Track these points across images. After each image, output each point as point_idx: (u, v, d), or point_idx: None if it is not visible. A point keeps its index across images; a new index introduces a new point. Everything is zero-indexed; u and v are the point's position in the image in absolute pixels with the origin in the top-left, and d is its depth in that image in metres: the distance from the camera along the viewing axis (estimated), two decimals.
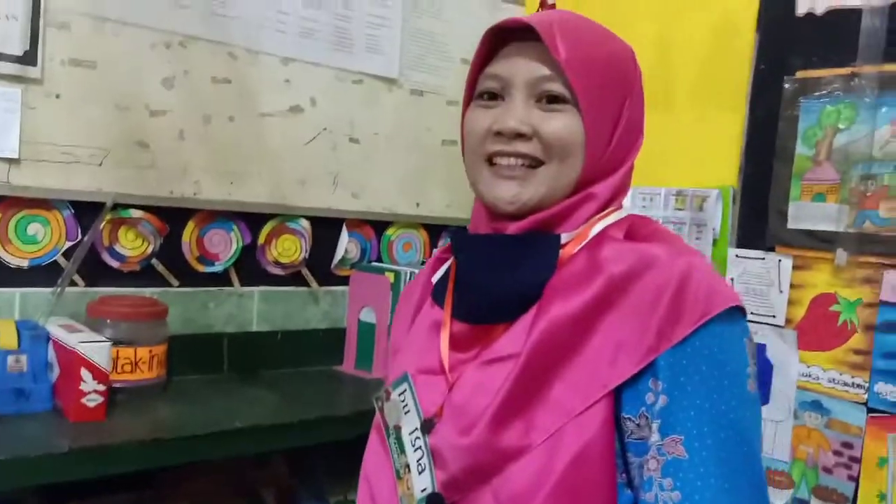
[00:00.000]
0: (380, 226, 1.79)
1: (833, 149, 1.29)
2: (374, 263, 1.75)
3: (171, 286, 1.51)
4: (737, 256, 1.41)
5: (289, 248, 1.64)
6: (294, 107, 1.62)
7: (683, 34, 1.55)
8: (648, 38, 1.60)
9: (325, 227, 1.69)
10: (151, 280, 1.48)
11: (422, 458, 0.74)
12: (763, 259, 1.37)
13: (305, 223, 1.65)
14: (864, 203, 1.25)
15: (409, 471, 0.75)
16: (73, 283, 1.38)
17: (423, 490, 0.73)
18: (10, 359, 1.17)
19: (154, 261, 1.48)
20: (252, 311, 1.61)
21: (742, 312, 0.71)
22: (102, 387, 1.17)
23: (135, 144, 1.43)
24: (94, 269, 1.41)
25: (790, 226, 1.34)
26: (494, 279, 0.75)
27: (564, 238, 0.75)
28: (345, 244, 1.71)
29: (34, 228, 1.35)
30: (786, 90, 1.36)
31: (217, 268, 1.55)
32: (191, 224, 1.52)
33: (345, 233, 1.72)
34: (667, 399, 0.66)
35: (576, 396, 0.68)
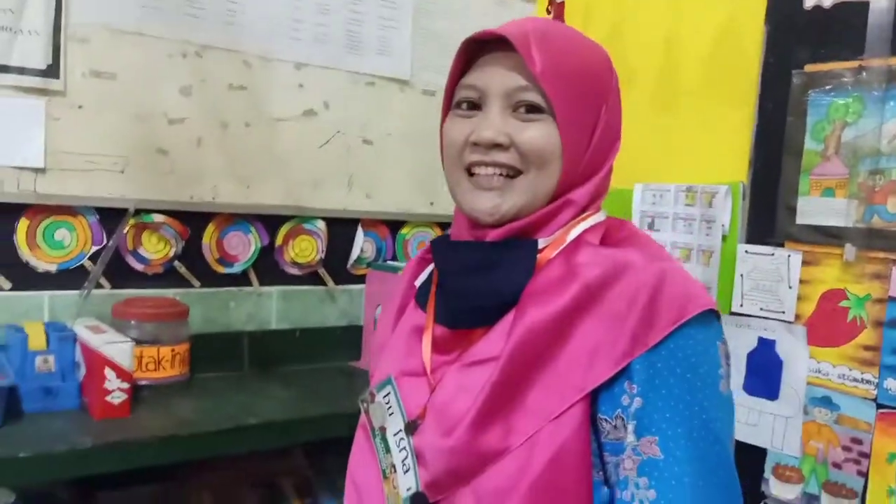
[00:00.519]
0: (394, 225, 1.82)
1: (841, 143, 1.28)
2: (390, 262, 1.78)
3: (193, 287, 1.56)
4: (746, 252, 1.40)
5: (305, 249, 1.69)
6: (308, 110, 1.66)
7: (692, 30, 1.54)
8: (657, 35, 1.60)
9: (341, 228, 1.73)
10: (174, 281, 1.54)
11: (406, 459, 0.76)
12: (772, 255, 1.37)
13: (321, 224, 1.69)
14: (873, 198, 1.24)
15: (395, 471, 0.77)
16: (100, 286, 1.45)
17: (409, 489, 0.75)
18: (39, 359, 1.23)
19: (176, 263, 1.53)
20: (271, 310, 1.66)
21: (716, 316, 0.73)
22: (126, 385, 1.22)
23: (155, 152, 1.48)
24: (119, 272, 1.47)
25: (799, 221, 1.33)
26: (473, 285, 0.77)
27: (542, 243, 0.76)
28: (360, 244, 1.75)
29: (61, 234, 1.41)
30: (794, 84, 1.35)
31: (236, 269, 1.61)
32: (210, 227, 1.57)
33: (360, 232, 1.75)
34: (642, 401, 0.68)
35: (553, 399, 0.70)
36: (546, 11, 1.69)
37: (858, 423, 1.25)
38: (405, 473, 0.76)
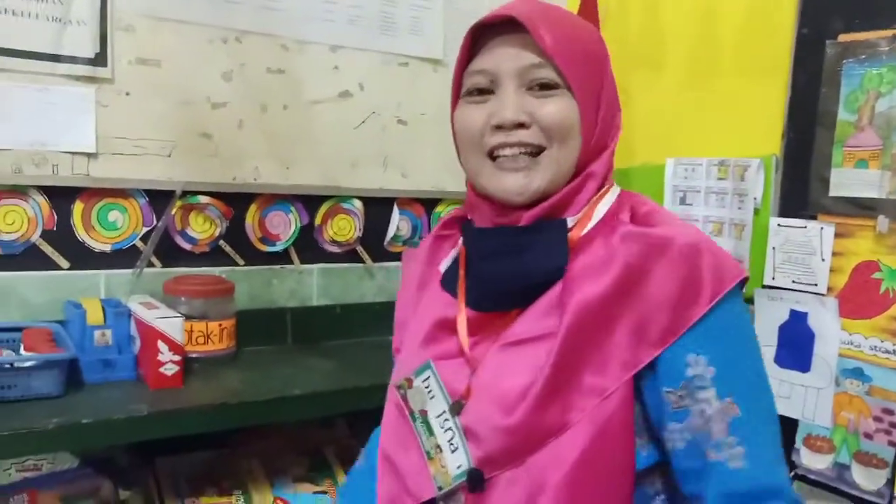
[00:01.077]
0: (429, 203, 1.85)
1: (875, 114, 1.27)
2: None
3: (238, 265, 1.63)
4: (778, 225, 1.41)
5: (344, 228, 1.74)
6: (343, 92, 1.70)
7: (726, 3, 1.53)
8: (692, 9, 1.59)
9: (377, 207, 1.77)
10: (220, 260, 1.60)
11: (453, 438, 0.78)
12: (805, 227, 1.37)
13: (358, 203, 1.74)
14: None
15: (441, 451, 0.79)
16: (151, 265, 1.52)
17: (459, 467, 0.77)
18: (97, 333, 1.31)
19: (221, 242, 1.60)
20: (312, 287, 1.72)
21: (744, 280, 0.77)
22: (178, 357, 1.29)
23: (199, 135, 1.54)
24: (169, 252, 1.54)
25: (832, 193, 1.33)
26: (508, 268, 0.79)
27: (570, 222, 0.78)
28: (396, 222, 1.79)
29: (114, 216, 1.49)
30: (828, 54, 1.34)
31: (278, 247, 1.67)
32: (253, 207, 1.63)
33: (396, 211, 1.80)
34: (713, 369, 0.72)
35: (606, 376, 0.73)
36: None
37: (890, 394, 1.26)
38: (453, 452, 0.78)
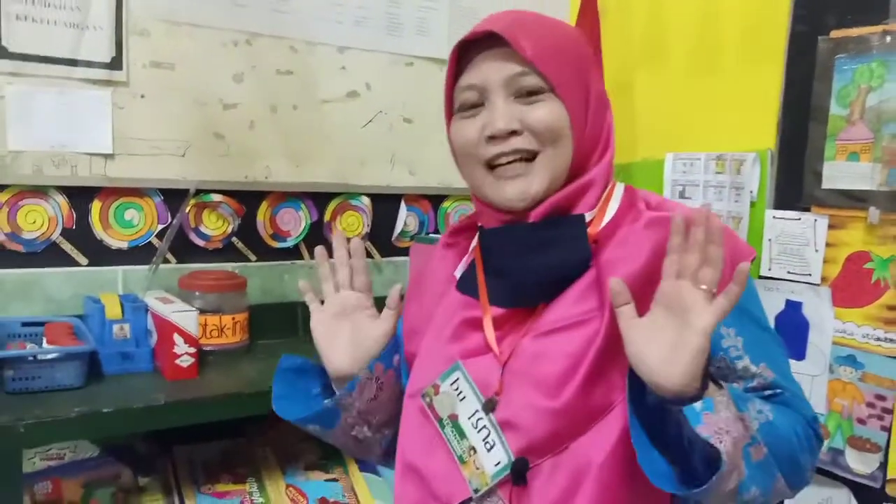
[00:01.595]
0: (436, 199, 1.90)
1: (866, 108, 1.30)
2: (432, 235, 1.87)
3: (250, 261, 1.68)
4: (774, 218, 1.44)
5: (352, 224, 1.79)
6: (351, 92, 1.75)
7: (723, 2, 1.57)
8: (693, 8, 1.63)
9: (385, 203, 1.82)
10: (232, 256, 1.66)
11: (488, 437, 0.78)
12: (799, 219, 1.40)
13: (366, 200, 1.79)
14: None
15: (475, 452, 0.79)
16: (166, 261, 1.58)
17: (498, 464, 0.77)
18: (116, 327, 1.36)
19: (234, 239, 1.65)
20: None
21: None
22: (193, 349, 1.34)
23: (212, 136, 1.60)
24: (183, 248, 1.60)
25: (825, 186, 1.37)
26: (534, 264, 0.81)
27: (588, 216, 0.81)
28: (403, 218, 1.84)
29: (130, 214, 1.55)
30: (820, 50, 1.37)
31: (289, 243, 1.72)
32: (264, 205, 1.68)
33: (403, 207, 1.84)
34: (742, 339, 0.79)
35: None
36: None
37: (882, 381, 1.29)
38: (489, 451, 0.78)
